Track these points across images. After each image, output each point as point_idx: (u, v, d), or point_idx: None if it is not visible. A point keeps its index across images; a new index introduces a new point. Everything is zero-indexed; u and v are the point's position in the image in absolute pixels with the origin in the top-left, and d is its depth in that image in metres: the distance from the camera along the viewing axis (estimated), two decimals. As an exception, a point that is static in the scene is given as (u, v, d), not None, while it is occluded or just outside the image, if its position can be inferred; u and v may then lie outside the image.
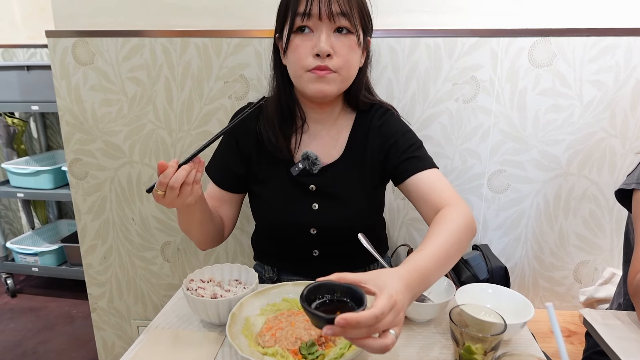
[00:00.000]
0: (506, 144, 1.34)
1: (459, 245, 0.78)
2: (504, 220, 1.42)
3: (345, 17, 0.87)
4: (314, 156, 0.98)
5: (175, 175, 0.80)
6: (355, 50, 0.91)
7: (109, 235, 1.55)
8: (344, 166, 1.00)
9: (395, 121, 1.01)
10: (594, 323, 0.83)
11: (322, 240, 1.02)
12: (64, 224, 2.70)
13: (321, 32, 0.87)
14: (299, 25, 0.88)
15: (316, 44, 0.87)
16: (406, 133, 0.99)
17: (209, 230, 1.00)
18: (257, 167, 1.03)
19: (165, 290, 1.59)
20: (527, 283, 1.47)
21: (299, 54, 0.89)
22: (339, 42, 0.89)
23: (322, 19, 0.86)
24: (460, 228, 0.79)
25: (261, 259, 1.14)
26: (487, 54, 1.27)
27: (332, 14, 0.86)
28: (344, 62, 0.90)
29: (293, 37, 0.89)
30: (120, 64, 1.37)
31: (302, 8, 0.86)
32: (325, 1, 0.86)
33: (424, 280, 0.67)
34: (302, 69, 0.90)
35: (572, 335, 1.25)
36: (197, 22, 1.31)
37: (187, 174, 0.81)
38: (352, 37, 0.89)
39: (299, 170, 0.99)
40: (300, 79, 0.92)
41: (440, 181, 0.92)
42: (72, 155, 1.47)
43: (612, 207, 1.38)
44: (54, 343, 2.05)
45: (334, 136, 1.02)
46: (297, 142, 1.01)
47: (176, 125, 1.40)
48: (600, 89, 1.28)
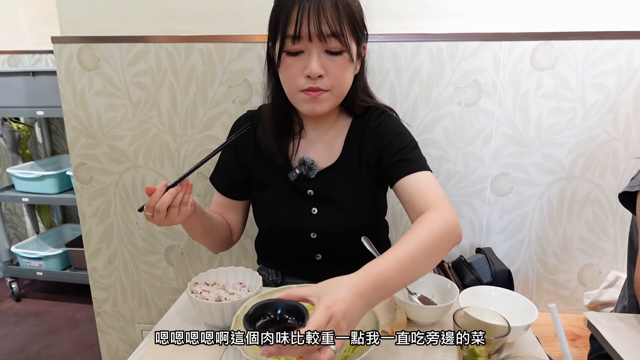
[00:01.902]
0: (509, 147, 1.34)
1: (430, 252, 0.73)
2: (507, 223, 1.42)
3: (336, 37, 0.85)
4: (310, 161, 0.98)
5: (162, 199, 0.83)
6: (347, 67, 0.90)
7: (114, 240, 1.55)
8: (341, 170, 1.00)
9: (391, 122, 1.00)
10: (598, 326, 0.82)
11: (323, 245, 1.02)
12: (68, 228, 2.71)
13: (312, 52, 0.86)
14: (289, 47, 0.87)
15: (307, 65, 0.86)
16: (400, 134, 0.97)
17: (215, 238, 1.05)
18: (256, 174, 1.04)
19: (169, 294, 1.60)
20: (531, 286, 1.46)
21: (291, 75, 0.89)
22: (331, 62, 0.87)
23: (313, 40, 0.85)
24: (434, 234, 0.75)
25: (265, 263, 1.14)
26: (489, 58, 1.27)
27: (322, 35, 0.84)
28: (336, 81, 0.89)
29: (284, 56, 0.88)
30: (125, 70, 1.38)
31: (292, 30, 0.84)
32: (315, 23, 0.83)
33: (379, 286, 0.65)
34: (295, 88, 0.90)
35: (576, 338, 1.24)
36: (201, 27, 1.32)
37: (173, 197, 0.84)
38: (344, 55, 0.88)
39: (296, 175, 0.99)
40: (294, 98, 0.93)
41: (427, 184, 0.89)
42: (77, 160, 1.48)
43: (616, 210, 1.37)
44: (58, 347, 2.05)
45: (331, 140, 1.02)
46: (294, 148, 1.01)
47: (180, 129, 1.41)
48: (603, 92, 1.28)
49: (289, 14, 0.84)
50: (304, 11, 0.83)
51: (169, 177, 1.46)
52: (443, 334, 0.65)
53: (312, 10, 0.83)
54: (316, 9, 0.83)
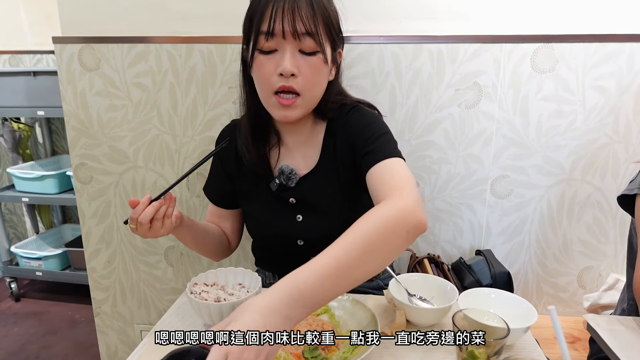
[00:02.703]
0: (509, 149, 1.34)
1: (369, 250, 0.65)
2: (507, 225, 1.42)
3: (311, 37, 0.83)
4: (289, 170, 0.98)
5: (144, 212, 0.84)
6: (320, 69, 0.88)
7: (113, 240, 1.55)
8: (320, 175, 0.99)
9: (357, 117, 0.95)
10: (597, 328, 0.82)
11: (311, 251, 1.01)
12: (68, 228, 2.71)
13: (285, 51, 0.84)
14: (262, 44, 0.85)
15: (280, 64, 0.85)
16: (365, 127, 0.92)
17: (209, 247, 1.07)
18: (240, 184, 1.05)
19: (168, 295, 1.59)
20: (531, 289, 1.46)
21: (264, 73, 0.87)
22: (304, 61, 0.86)
23: (286, 37, 0.83)
24: (376, 228, 0.66)
25: (261, 266, 1.16)
26: (489, 60, 1.28)
27: (297, 33, 0.82)
28: (309, 83, 0.87)
29: (257, 54, 0.86)
30: (126, 70, 1.38)
31: (265, 26, 0.83)
32: (289, 20, 0.82)
33: (297, 299, 0.58)
34: (268, 89, 0.88)
35: (576, 341, 1.24)
36: (201, 28, 1.32)
37: (156, 210, 0.85)
38: (319, 56, 0.86)
39: (277, 185, 0.99)
40: (267, 102, 0.91)
41: (387, 172, 0.82)
42: (78, 160, 1.48)
43: (616, 212, 1.37)
44: (57, 347, 2.05)
45: (308, 147, 1.01)
46: (276, 156, 1.01)
47: (180, 130, 1.41)
48: (603, 94, 1.28)
49: (263, 11, 0.83)
50: (278, 8, 0.82)
51: (169, 178, 1.46)
52: (443, 334, 0.65)
53: (286, 8, 0.81)
54: (291, 7, 0.81)
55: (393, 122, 1.34)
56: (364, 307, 0.81)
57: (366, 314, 0.79)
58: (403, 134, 1.35)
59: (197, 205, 1.48)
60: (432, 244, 1.45)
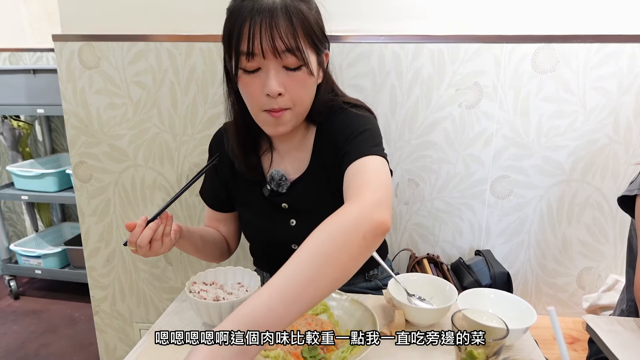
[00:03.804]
0: (509, 149, 1.34)
1: (323, 264, 0.61)
2: (507, 225, 1.41)
3: (291, 53, 0.79)
4: (279, 176, 0.97)
5: (142, 235, 0.85)
6: (307, 82, 0.85)
7: (112, 238, 1.55)
8: (311, 180, 0.98)
9: (342, 117, 0.92)
10: (596, 329, 0.82)
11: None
12: (67, 226, 2.71)
13: (269, 70, 0.81)
14: (244, 64, 0.81)
15: (265, 84, 0.81)
16: (346, 126, 0.89)
17: (209, 252, 1.07)
18: (234, 191, 1.05)
19: (167, 294, 1.59)
20: (530, 289, 1.46)
21: (251, 93, 0.85)
22: (289, 78, 0.82)
23: (267, 57, 0.79)
24: (326, 241, 0.62)
25: (259, 266, 1.17)
26: (490, 60, 1.27)
27: (277, 51, 0.78)
28: (297, 98, 0.85)
29: (241, 73, 0.83)
30: (126, 68, 1.38)
31: (245, 47, 0.79)
32: (268, 39, 0.77)
33: (253, 329, 0.56)
34: (257, 108, 0.86)
35: (575, 342, 1.24)
36: (202, 26, 1.32)
37: (154, 232, 0.86)
38: (303, 70, 0.82)
39: (269, 191, 0.99)
40: (257, 118, 0.89)
41: (356, 173, 0.78)
42: (77, 158, 1.48)
43: (616, 213, 1.37)
44: (56, 346, 2.05)
45: (300, 152, 1.00)
46: (268, 162, 1.01)
47: (180, 129, 1.41)
48: (604, 95, 1.28)
49: (240, 30, 0.79)
50: (255, 26, 0.77)
51: (169, 176, 1.46)
52: (443, 334, 0.65)
53: (264, 26, 0.77)
54: (268, 24, 0.77)
55: (393, 122, 1.34)
56: (363, 307, 0.81)
57: (365, 314, 0.79)
58: (403, 134, 1.35)
59: (196, 204, 1.48)
60: (432, 244, 1.45)
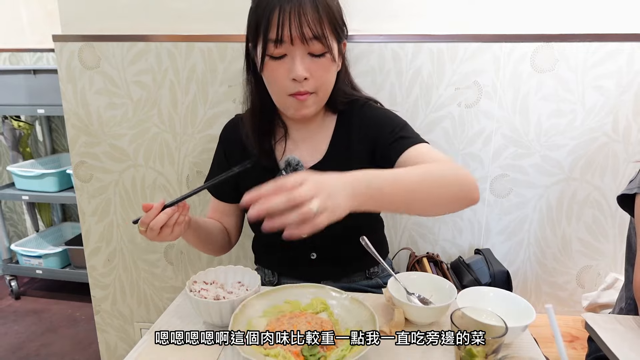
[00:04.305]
0: (508, 148, 1.34)
1: (436, 184, 0.75)
2: (506, 224, 1.42)
3: (318, 40, 0.85)
4: (295, 162, 0.99)
5: (157, 219, 0.84)
6: (330, 68, 0.91)
7: (113, 238, 1.55)
8: (328, 167, 0.97)
9: (376, 110, 1.01)
10: (595, 327, 0.83)
11: (316, 244, 1.02)
12: (68, 226, 2.71)
13: (295, 56, 0.86)
14: (272, 51, 0.86)
15: (291, 69, 0.87)
16: (388, 119, 0.98)
17: (211, 245, 1.07)
18: (246, 179, 1.05)
19: (168, 293, 1.60)
20: (530, 288, 1.47)
21: (276, 79, 0.89)
22: (314, 64, 0.88)
23: (295, 43, 0.85)
24: (446, 171, 0.79)
25: (261, 264, 1.16)
26: (489, 59, 1.28)
27: (305, 37, 0.84)
28: (321, 83, 0.91)
29: (267, 60, 0.88)
30: (126, 68, 1.38)
31: (274, 34, 0.84)
32: (296, 26, 0.82)
33: (370, 184, 0.68)
34: (282, 92, 0.91)
35: (574, 340, 1.25)
36: (202, 27, 1.32)
37: (168, 218, 0.85)
38: (327, 56, 0.88)
39: (284, 177, 0.99)
40: (281, 102, 0.94)
41: (430, 153, 0.89)
42: (78, 158, 1.48)
43: (615, 212, 1.37)
44: (57, 345, 2.05)
45: (316, 139, 1.02)
46: (282, 150, 1.02)
47: (180, 128, 1.42)
48: (603, 94, 1.28)
49: (269, 18, 0.83)
50: (284, 14, 0.82)
51: (169, 176, 1.46)
52: (443, 334, 0.66)
53: (293, 14, 0.82)
54: (297, 12, 0.82)
55: (393, 121, 1.34)
56: (363, 306, 0.81)
57: (365, 313, 0.79)
58: (403, 133, 1.35)
59: (197, 204, 1.48)
60: (432, 242, 1.45)
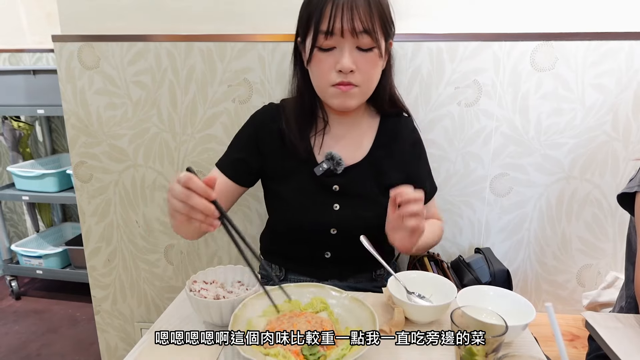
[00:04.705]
0: (508, 147, 1.34)
1: (432, 243, 1.08)
2: (506, 223, 1.42)
3: (367, 34, 0.87)
4: (339, 157, 1.00)
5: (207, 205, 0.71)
6: (376, 63, 0.93)
7: (113, 238, 1.56)
8: (367, 168, 1.03)
9: (420, 141, 1.11)
10: (595, 326, 0.83)
11: (339, 242, 1.02)
12: (68, 227, 2.71)
13: (344, 48, 0.89)
14: (321, 42, 0.89)
15: (339, 61, 0.89)
16: (426, 159, 1.13)
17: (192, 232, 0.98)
18: (277, 166, 1.04)
19: (168, 293, 1.60)
20: (530, 287, 1.47)
21: (322, 69, 0.92)
22: (361, 57, 0.90)
23: (345, 36, 0.87)
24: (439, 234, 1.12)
25: (269, 258, 1.14)
26: (489, 58, 1.27)
27: (355, 31, 0.87)
28: (366, 77, 0.93)
29: (316, 52, 0.91)
30: (125, 68, 1.38)
31: (325, 26, 0.87)
32: (348, 19, 0.85)
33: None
34: (326, 83, 0.93)
35: (575, 339, 1.24)
36: (201, 26, 1.32)
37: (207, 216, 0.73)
38: (375, 51, 0.90)
39: (323, 170, 1.00)
40: (324, 93, 0.95)
41: (434, 208, 1.15)
42: (77, 158, 1.48)
43: (615, 210, 1.37)
44: (57, 345, 2.06)
45: (357, 138, 1.05)
46: (319, 143, 1.03)
47: (180, 128, 1.42)
48: (603, 92, 1.28)
49: (322, 10, 0.86)
50: (337, 7, 0.85)
51: (169, 176, 1.46)
52: (443, 334, 0.65)
53: (345, 7, 0.85)
54: (349, 6, 0.85)
55: (392, 120, 1.34)
56: (363, 305, 0.81)
57: (365, 312, 0.79)
58: (402, 132, 1.35)
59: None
60: (432, 242, 1.45)
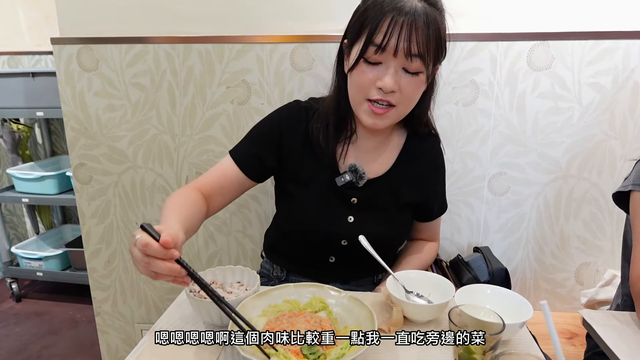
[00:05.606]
0: (506, 146, 1.35)
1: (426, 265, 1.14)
2: (504, 222, 1.42)
3: (420, 58, 0.82)
4: (362, 170, 0.97)
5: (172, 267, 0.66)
6: (420, 87, 0.89)
7: (113, 240, 1.56)
8: (388, 184, 1.00)
9: (444, 165, 1.11)
10: (593, 324, 0.83)
11: (347, 251, 1.01)
12: (68, 228, 2.71)
13: (390, 67, 0.83)
14: (370, 55, 0.83)
15: (381, 78, 0.84)
16: (444, 180, 1.13)
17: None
18: (297, 168, 1.00)
19: (168, 294, 1.60)
20: (529, 285, 1.47)
21: (363, 82, 0.86)
22: (406, 79, 0.85)
23: (398, 55, 0.82)
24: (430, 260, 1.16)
25: (272, 258, 1.13)
26: (486, 58, 1.28)
27: (410, 53, 0.81)
28: (406, 99, 0.88)
29: (361, 62, 0.85)
30: (124, 70, 1.38)
31: (379, 40, 0.81)
32: (405, 39, 0.79)
33: None
34: (362, 97, 0.88)
35: (573, 337, 1.25)
36: (199, 28, 1.32)
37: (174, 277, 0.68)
38: (420, 76, 0.86)
39: (345, 181, 0.97)
40: (358, 106, 0.90)
41: (439, 226, 1.18)
42: (77, 160, 1.49)
43: (612, 209, 1.38)
44: (58, 347, 2.06)
45: (381, 152, 1.02)
46: (343, 152, 1.00)
47: (179, 130, 1.42)
48: (599, 91, 1.29)
49: (379, 23, 0.81)
50: (396, 24, 0.79)
51: (168, 177, 1.47)
52: (443, 334, 0.66)
53: (405, 25, 0.79)
54: (409, 25, 0.79)
55: (390, 120, 1.35)
56: (362, 304, 0.81)
57: (363, 311, 0.79)
58: (400, 132, 1.36)
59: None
60: (431, 241, 1.46)
